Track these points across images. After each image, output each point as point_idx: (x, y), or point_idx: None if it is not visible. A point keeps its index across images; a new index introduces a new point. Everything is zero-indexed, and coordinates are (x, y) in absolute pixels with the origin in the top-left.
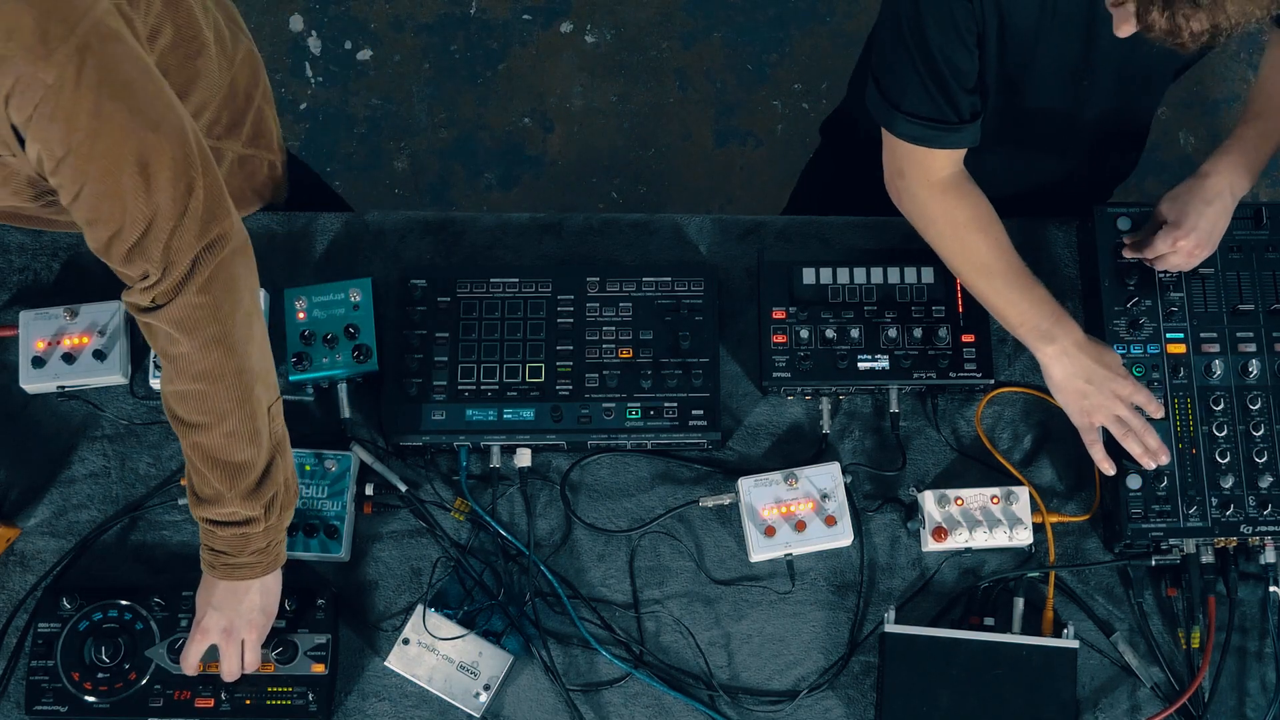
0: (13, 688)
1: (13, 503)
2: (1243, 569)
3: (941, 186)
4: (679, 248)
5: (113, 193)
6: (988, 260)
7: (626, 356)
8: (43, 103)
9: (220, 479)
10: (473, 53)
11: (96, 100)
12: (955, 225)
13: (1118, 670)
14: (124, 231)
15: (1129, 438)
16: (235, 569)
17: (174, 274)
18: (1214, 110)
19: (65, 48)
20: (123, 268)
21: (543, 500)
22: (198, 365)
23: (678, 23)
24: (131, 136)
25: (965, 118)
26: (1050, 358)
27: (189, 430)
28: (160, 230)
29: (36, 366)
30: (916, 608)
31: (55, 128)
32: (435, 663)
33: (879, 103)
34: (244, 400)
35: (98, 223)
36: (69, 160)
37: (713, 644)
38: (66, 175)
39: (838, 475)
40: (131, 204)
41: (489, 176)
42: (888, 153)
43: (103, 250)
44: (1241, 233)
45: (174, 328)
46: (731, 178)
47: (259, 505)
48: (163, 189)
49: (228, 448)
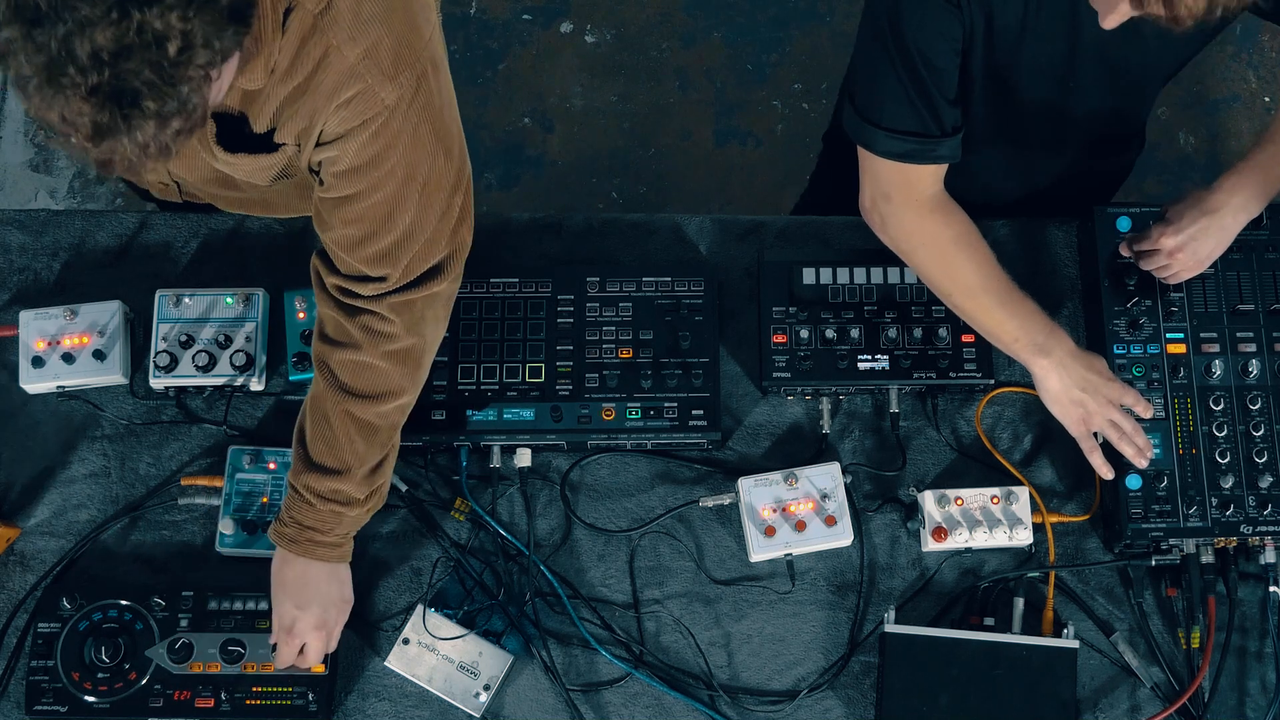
0: (13, 688)
1: (13, 503)
2: (1243, 569)
3: (928, 206)
4: (679, 248)
5: (391, 204)
6: (975, 281)
7: (626, 356)
8: (374, 118)
9: (353, 453)
10: (473, 53)
11: (417, 124)
12: (942, 245)
13: (1118, 670)
14: (381, 237)
15: (1124, 441)
16: (317, 547)
17: (408, 279)
18: (1214, 110)
19: (409, 74)
20: (365, 267)
21: (543, 500)
22: (396, 345)
23: (678, 23)
24: (428, 160)
25: (948, 130)
26: (1046, 370)
27: (348, 399)
28: (414, 242)
29: (36, 366)
30: (916, 608)
31: (375, 143)
32: (435, 663)
33: (857, 123)
34: (409, 389)
35: (360, 223)
36: (366, 170)
37: (713, 644)
38: (353, 180)
39: (838, 475)
40: (401, 216)
41: (489, 176)
42: (868, 177)
43: (350, 247)
44: (1241, 233)
45: (392, 312)
46: (731, 178)
47: (368, 489)
48: (433, 208)
49: (375, 423)
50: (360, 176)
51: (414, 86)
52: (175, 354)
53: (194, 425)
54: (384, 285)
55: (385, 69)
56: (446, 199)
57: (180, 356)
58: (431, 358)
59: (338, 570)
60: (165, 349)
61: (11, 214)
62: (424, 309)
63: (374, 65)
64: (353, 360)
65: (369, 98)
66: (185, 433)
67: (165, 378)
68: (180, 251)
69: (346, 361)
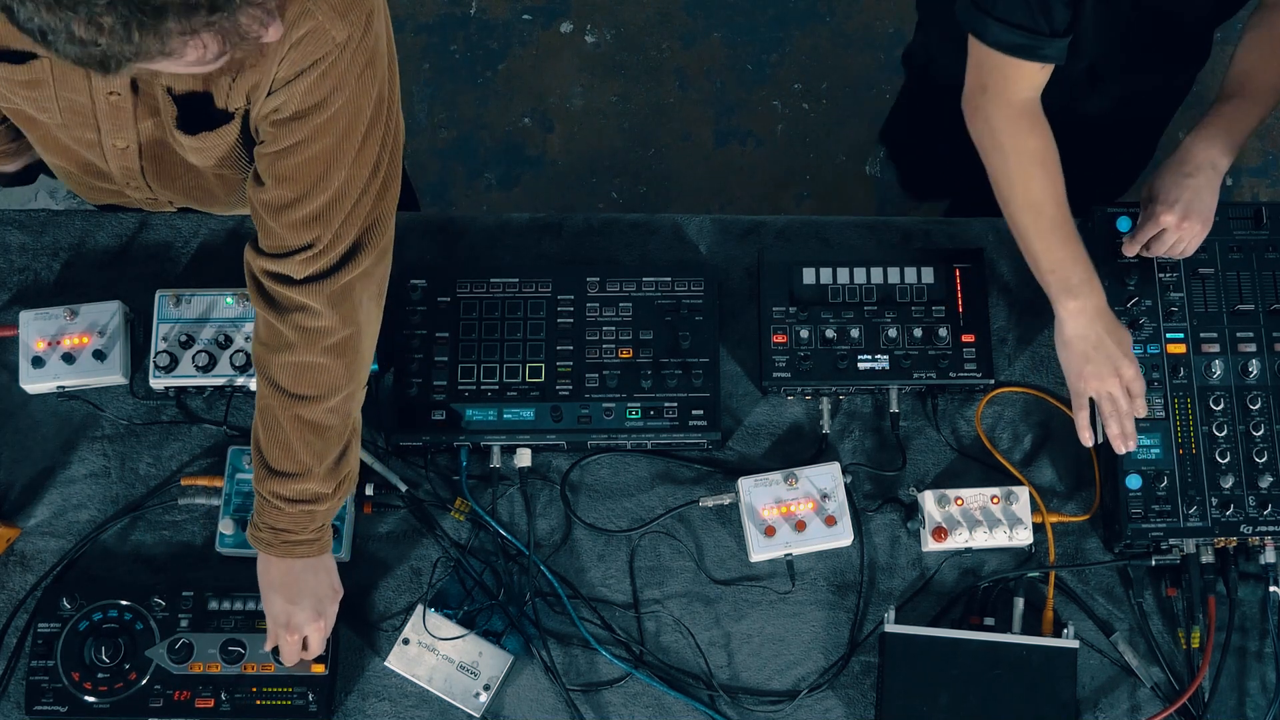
0: (13, 688)
1: (13, 503)
2: (1243, 569)
3: (1020, 110)
4: (679, 248)
5: (328, 155)
6: (1042, 199)
7: (626, 356)
8: (325, 57)
9: (311, 454)
10: (473, 53)
11: (363, 66)
12: (1020, 155)
13: (1118, 670)
14: (313, 197)
15: (1113, 419)
16: (295, 546)
17: (337, 249)
18: None
19: (359, 10)
20: (290, 234)
21: (543, 500)
22: (331, 340)
23: (678, 23)
24: (368, 107)
25: (1058, 30)
26: (1069, 313)
27: (294, 402)
28: (347, 201)
29: (36, 366)
30: (916, 608)
31: (324, 84)
32: (435, 663)
33: (969, 9)
34: (352, 379)
35: (294, 180)
36: (310, 116)
37: (713, 644)
38: (296, 129)
39: (838, 475)
40: (335, 172)
41: (489, 176)
42: (972, 65)
43: (280, 209)
44: (1241, 233)
45: (321, 303)
46: (731, 178)
47: (333, 483)
48: (366, 163)
49: (326, 422)
50: (303, 123)
51: (364, 25)
52: (175, 354)
53: (194, 425)
54: (311, 255)
55: (336, 5)
56: (377, 154)
57: (180, 356)
58: (372, 343)
59: (322, 561)
60: (165, 349)
61: (11, 214)
62: (359, 293)
63: (324, 2)
64: (292, 362)
65: (320, 36)
66: (185, 433)
67: (165, 378)
68: (180, 251)
69: (286, 364)
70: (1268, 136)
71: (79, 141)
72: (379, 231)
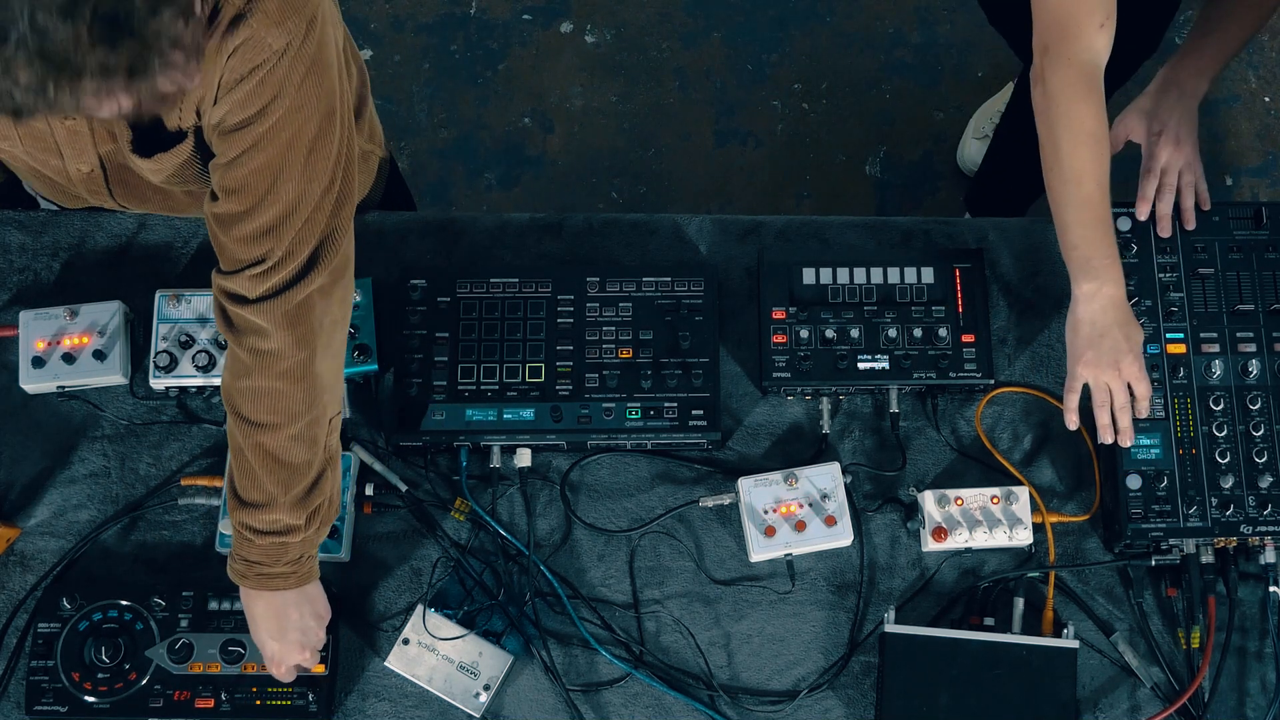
0: (13, 688)
1: (13, 503)
2: (1243, 569)
3: (1079, 74)
4: (679, 248)
5: (275, 166)
6: (1084, 173)
7: (626, 356)
8: (262, 65)
9: (275, 483)
10: (473, 53)
11: (304, 74)
12: (1073, 125)
13: (1118, 670)
14: (264, 209)
15: (1104, 410)
16: (269, 579)
17: (290, 265)
18: (1214, 110)
19: (298, 18)
20: (241, 249)
21: (543, 500)
22: (285, 364)
23: (678, 23)
24: (315, 117)
25: None
26: (1084, 294)
27: (254, 430)
28: (298, 216)
29: (36, 366)
30: (916, 608)
31: (263, 91)
32: (435, 663)
33: None
34: (313, 405)
35: (243, 192)
36: (251, 126)
37: (713, 644)
38: (238, 140)
39: (838, 475)
40: (284, 182)
41: (489, 176)
42: (1038, 21)
43: (229, 222)
44: (1241, 233)
45: (274, 324)
46: (731, 178)
47: (303, 514)
48: (316, 177)
49: (290, 450)
50: (247, 133)
51: (302, 33)
52: (175, 354)
53: (194, 425)
54: (263, 270)
55: (272, 14)
56: (330, 169)
57: (180, 356)
58: (336, 370)
59: (305, 592)
60: (165, 349)
61: (11, 214)
62: (318, 314)
63: (260, 10)
64: (250, 388)
65: (256, 44)
66: (185, 433)
67: (165, 378)
68: (180, 251)
69: (245, 390)
70: (1268, 136)
71: (45, 166)
72: (334, 247)
